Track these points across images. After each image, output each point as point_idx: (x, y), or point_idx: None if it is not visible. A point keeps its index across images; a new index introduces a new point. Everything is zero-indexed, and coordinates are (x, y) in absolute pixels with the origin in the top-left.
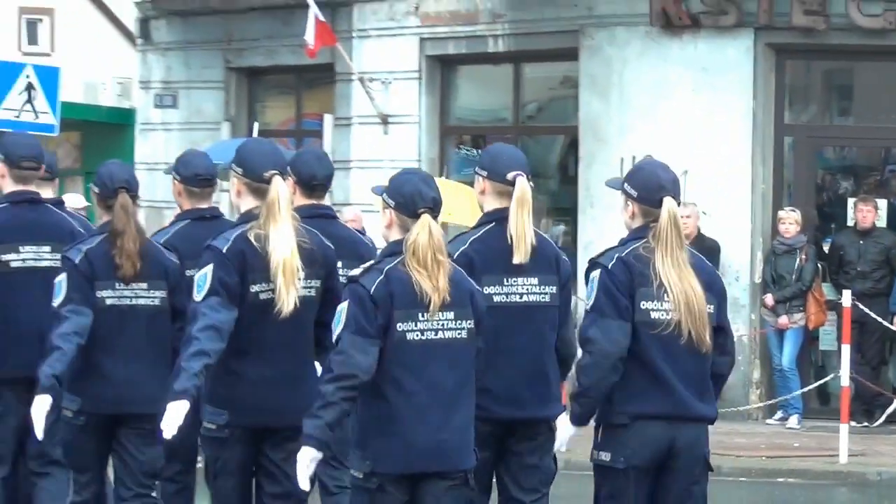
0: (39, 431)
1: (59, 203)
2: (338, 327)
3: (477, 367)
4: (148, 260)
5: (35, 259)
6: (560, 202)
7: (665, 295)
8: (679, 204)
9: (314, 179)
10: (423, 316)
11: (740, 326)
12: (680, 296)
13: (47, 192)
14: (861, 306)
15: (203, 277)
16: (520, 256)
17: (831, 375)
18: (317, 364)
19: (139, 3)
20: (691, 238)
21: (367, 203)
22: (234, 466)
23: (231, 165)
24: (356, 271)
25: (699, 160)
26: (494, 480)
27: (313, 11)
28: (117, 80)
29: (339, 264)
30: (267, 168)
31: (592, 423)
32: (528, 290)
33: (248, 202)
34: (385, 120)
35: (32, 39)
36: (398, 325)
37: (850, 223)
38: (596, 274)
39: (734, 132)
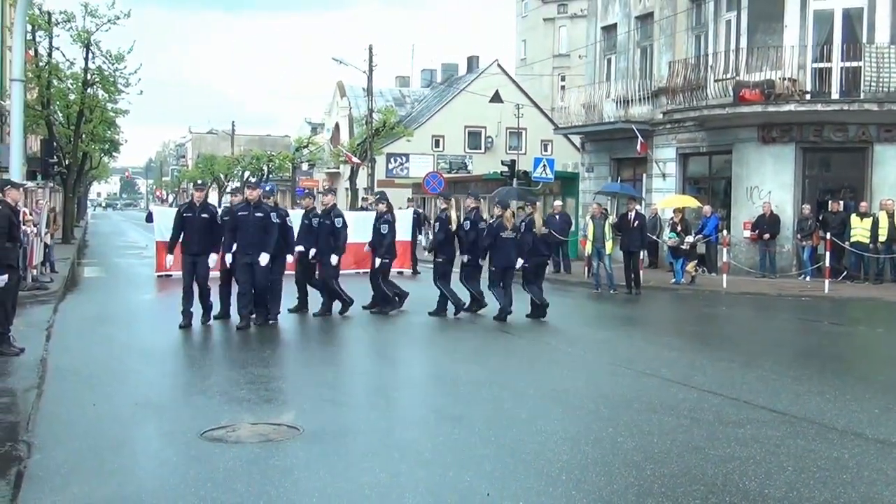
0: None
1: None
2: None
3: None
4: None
5: None
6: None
7: (532, 226)
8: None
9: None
10: (505, 232)
11: None
12: (537, 224)
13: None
14: None
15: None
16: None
17: None
18: None
19: (581, 138)
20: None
21: (652, 203)
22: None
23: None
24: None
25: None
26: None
27: (639, 139)
28: (572, 162)
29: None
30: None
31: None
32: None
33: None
34: (664, 175)
35: (542, 150)
36: (500, 234)
37: None
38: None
39: None
